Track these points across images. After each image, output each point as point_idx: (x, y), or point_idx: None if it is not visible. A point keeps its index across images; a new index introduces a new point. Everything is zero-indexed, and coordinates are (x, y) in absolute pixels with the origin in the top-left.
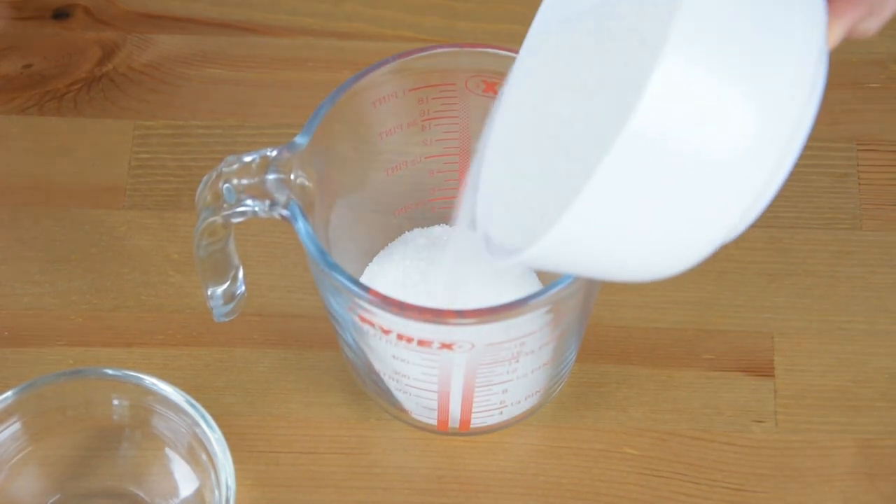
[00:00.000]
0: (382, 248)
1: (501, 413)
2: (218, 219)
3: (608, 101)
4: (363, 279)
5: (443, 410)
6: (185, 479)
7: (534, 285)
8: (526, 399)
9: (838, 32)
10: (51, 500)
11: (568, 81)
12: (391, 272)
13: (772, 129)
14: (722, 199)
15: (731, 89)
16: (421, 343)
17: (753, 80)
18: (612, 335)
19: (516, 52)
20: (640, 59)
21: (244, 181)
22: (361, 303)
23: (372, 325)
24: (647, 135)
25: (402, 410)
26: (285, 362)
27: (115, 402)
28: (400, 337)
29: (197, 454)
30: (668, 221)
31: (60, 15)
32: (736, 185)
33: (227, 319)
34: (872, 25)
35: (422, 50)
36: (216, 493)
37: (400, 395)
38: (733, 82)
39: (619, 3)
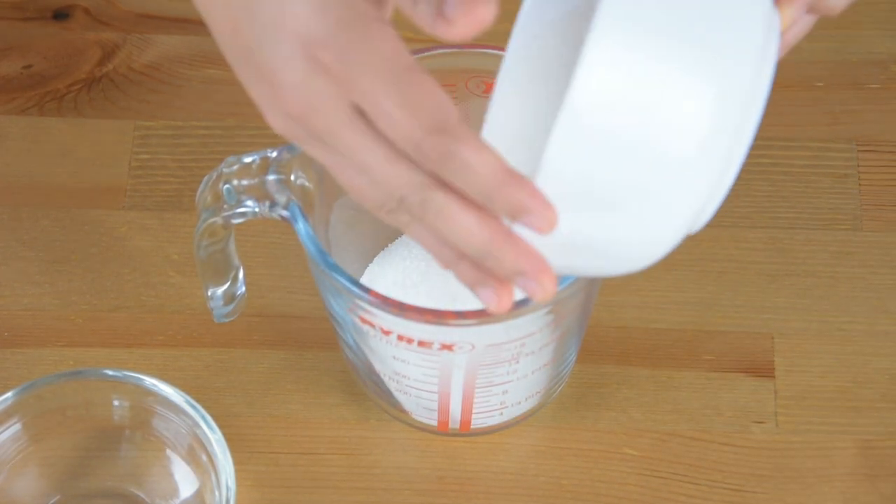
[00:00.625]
0: (382, 248)
1: (502, 414)
2: (218, 220)
3: None
4: (363, 280)
5: (443, 411)
6: (186, 480)
7: None
8: (526, 400)
9: (797, 6)
10: (51, 501)
11: (548, 88)
12: (391, 273)
13: (721, 107)
14: (680, 182)
15: (672, 67)
16: (421, 344)
17: (696, 57)
18: (612, 336)
19: None
20: None
21: (244, 182)
22: (362, 304)
23: (372, 325)
24: (588, 117)
25: (403, 411)
26: (285, 363)
27: (116, 402)
28: (400, 338)
29: (197, 455)
30: (626, 209)
31: (60, 15)
32: (692, 166)
33: (227, 320)
34: (839, 2)
35: (422, 50)
36: (216, 493)
37: (400, 396)
38: (673, 59)
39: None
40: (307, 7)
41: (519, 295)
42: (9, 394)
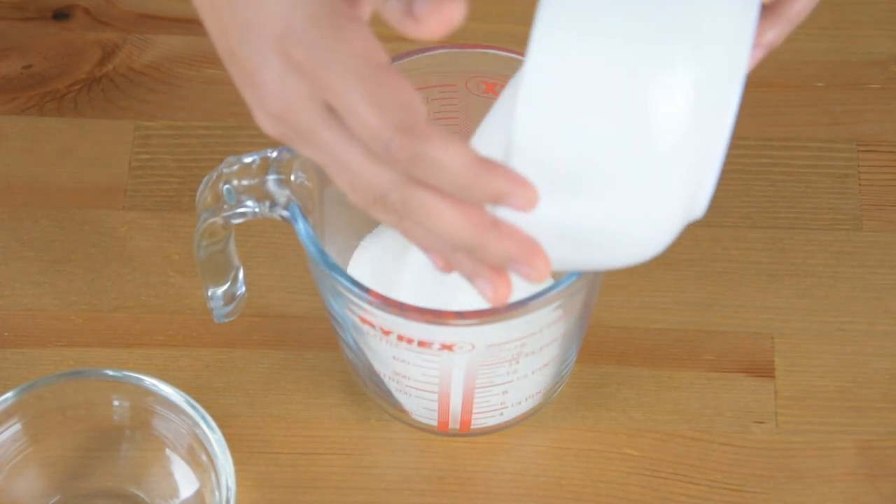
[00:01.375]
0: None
1: (502, 414)
2: (218, 220)
3: None
4: (352, 264)
5: (443, 411)
6: (186, 480)
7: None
8: (526, 400)
9: None
10: (51, 501)
11: None
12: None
13: (689, 87)
14: (650, 163)
15: (631, 41)
16: (421, 344)
17: (658, 31)
18: (613, 336)
19: (516, 52)
20: None
21: (244, 182)
22: (362, 304)
23: (372, 325)
24: (548, 90)
25: (403, 411)
26: (285, 363)
27: (116, 402)
28: (400, 338)
29: (197, 455)
30: (604, 193)
31: (60, 15)
32: (660, 147)
33: (227, 320)
34: None
35: (422, 51)
36: (216, 494)
37: (400, 396)
38: (633, 31)
39: None
40: (282, 4)
41: (520, 294)
42: (9, 394)
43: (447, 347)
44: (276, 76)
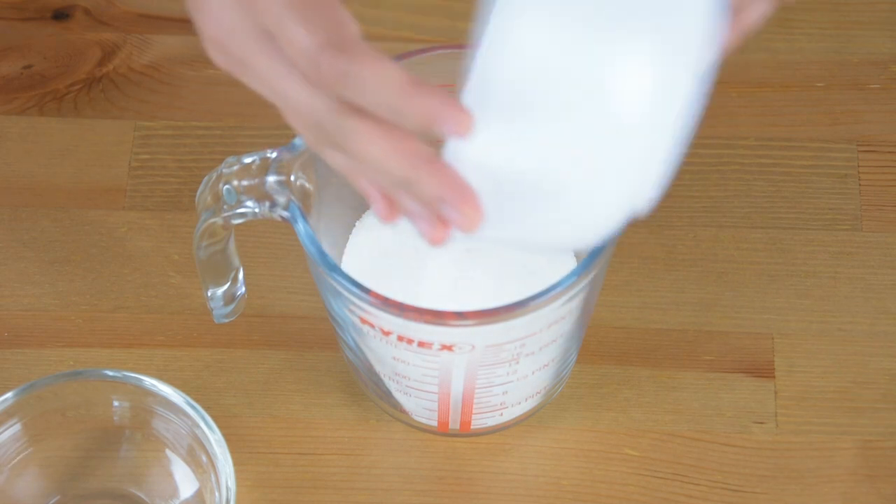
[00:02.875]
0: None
1: (502, 414)
2: (218, 220)
3: None
4: (347, 252)
5: (443, 412)
6: (186, 481)
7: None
8: (526, 400)
9: None
10: (51, 501)
11: None
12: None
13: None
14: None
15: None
16: (421, 344)
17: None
18: (613, 336)
19: None
20: None
21: (244, 182)
22: (362, 304)
23: (372, 326)
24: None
25: (403, 412)
26: (285, 363)
27: (116, 403)
28: (400, 338)
29: (197, 455)
30: (558, 154)
31: (60, 15)
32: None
33: (227, 320)
34: None
35: (423, 51)
36: (216, 494)
37: (400, 397)
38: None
39: None
40: None
41: (520, 294)
42: (9, 394)
43: (447, 348)
44: (216, 2)
